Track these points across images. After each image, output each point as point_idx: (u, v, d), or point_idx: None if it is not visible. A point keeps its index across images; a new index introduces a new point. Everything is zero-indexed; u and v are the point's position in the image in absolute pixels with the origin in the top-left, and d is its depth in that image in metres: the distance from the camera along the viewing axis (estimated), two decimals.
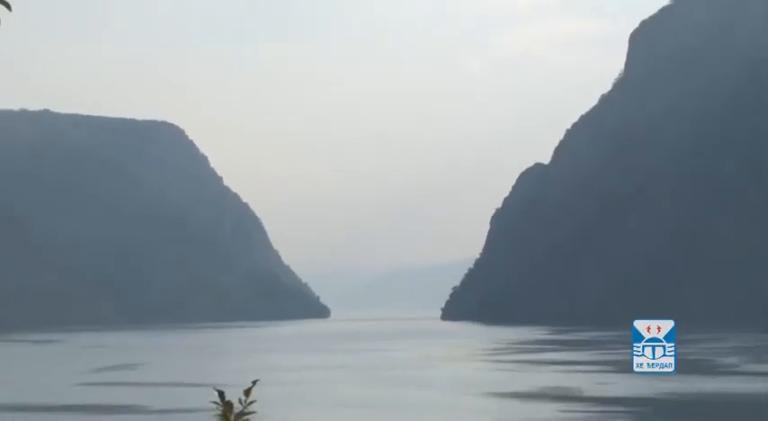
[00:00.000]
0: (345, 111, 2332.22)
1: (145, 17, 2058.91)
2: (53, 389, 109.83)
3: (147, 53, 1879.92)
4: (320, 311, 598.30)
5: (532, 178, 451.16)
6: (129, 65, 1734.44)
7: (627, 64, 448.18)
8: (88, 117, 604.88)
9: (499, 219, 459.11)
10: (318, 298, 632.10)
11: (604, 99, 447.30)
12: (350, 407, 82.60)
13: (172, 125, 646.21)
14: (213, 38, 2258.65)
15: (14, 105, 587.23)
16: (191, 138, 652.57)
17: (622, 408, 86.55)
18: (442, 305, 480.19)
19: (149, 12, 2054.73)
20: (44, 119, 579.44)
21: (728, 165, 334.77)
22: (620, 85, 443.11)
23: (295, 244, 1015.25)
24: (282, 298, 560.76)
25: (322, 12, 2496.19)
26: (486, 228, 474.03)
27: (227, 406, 4.81)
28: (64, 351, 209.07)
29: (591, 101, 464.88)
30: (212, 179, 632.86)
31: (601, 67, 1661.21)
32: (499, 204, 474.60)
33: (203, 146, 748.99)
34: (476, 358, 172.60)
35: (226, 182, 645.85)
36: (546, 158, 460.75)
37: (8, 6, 6.95)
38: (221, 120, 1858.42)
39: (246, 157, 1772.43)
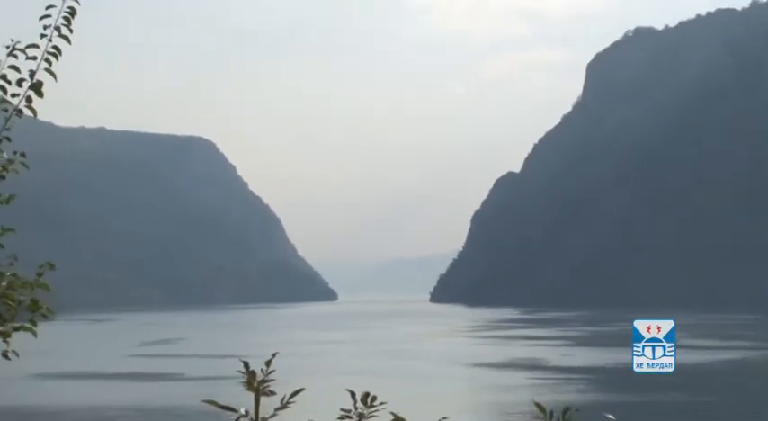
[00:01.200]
0: (350, 126, 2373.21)
1: (183, 50, 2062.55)
2: (108, 360, 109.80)
3: (184, 79, 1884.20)
4: (329, 295, 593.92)
5: (506, 184, 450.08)
6: (169, 89, 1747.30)
7: (584, 89, 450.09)
8: (136, 133, 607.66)
9: (478, 218, 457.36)
10: (327, 284, 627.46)
11: (566, 118, 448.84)
12: (354, 375, 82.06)
13: (205, 139, 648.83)
14: (242, 66, 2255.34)
15: (75, 123, 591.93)
16: (221, 150, 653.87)
17: (580, 375, 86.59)
18: (431, 290, 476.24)
19: (187, 45, 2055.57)
20: (100, 135, 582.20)
21: (670, 175, 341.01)
22: (578, 106, 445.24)
23: (308, 238, 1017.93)
24: (297, 283, 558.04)
25: (333, 46, 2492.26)
26: (468, 225, 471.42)
27: (251, 374, 4.89)
28: (117, 328, 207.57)
29: (554, 119, 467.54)
30: (239, 184, 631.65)
31: (562, 91, 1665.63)
32: (478, 206, 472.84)
33: (231, 156, 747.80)
34: (458, 334, 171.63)
35: (251, 187, 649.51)
36: (517, 167, 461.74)
37: (54, 76, 6.58)
38: (246, 134, 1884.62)
39: (268, 166, 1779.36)
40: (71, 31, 6.65)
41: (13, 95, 6.66)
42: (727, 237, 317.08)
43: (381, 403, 4.89)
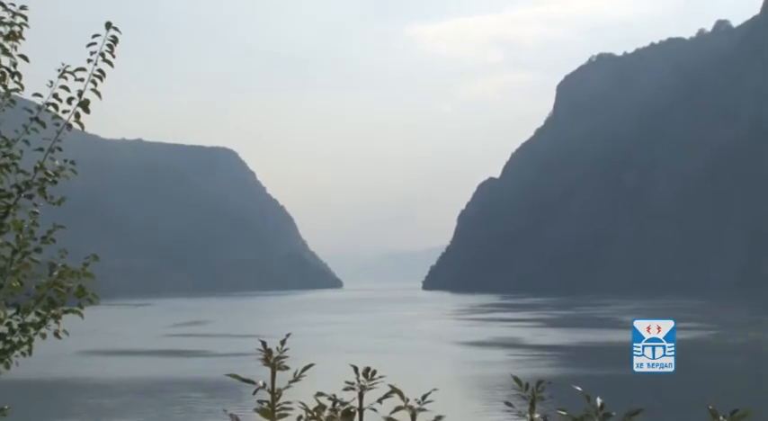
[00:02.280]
0: (352, 139, 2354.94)
1: (209, 73, 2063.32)
2: (145, 339, 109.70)
3: (211, 98, 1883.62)
4: (335, 283, 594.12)
5: (487, 188, 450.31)
6: (198, 105, 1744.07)
7: (555, 106, 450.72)
8: (169, 144, 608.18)
9: (463, 217, 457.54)
10: (334, 274, 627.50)
11: (539, 131, 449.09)
12: (357, 353, 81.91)
13: (229, 150, 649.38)
14: (259, 87, 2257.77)
15: (117, 136, 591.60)
16: (243, 159, 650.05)
17: (551, 353, 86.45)
18: (423, 279, 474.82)
19: (213, 69, 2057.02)
20: (138, 145, 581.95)
21: (629, 178, 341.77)
22: (549, 121, 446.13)
23: (318, 235, 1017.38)
24: (308, 273, 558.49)
25: (338, 69, 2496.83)
26: (454, 223, 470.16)
27: (268, 352, 4.89)
28: (153, 312, 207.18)
29: (529, 132, 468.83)
30: (258, 189, 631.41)
31: (536, 108, 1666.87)
32: (464, 206, 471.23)
33: (252, 165, 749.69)
34: (446, 317, 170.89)
35: (268, 191, 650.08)
36: (497, 174, 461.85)
37: (99, 95, 6.72)
38: (265, 145, 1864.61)
39: (283, 173, 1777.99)
40: (113, 56, 6.74)
41: (64, 111, 6.74)
42: (678, 231, 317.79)
43: (380, 376, 4.89)
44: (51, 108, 6.74)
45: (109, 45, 6.70)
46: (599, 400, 4.36)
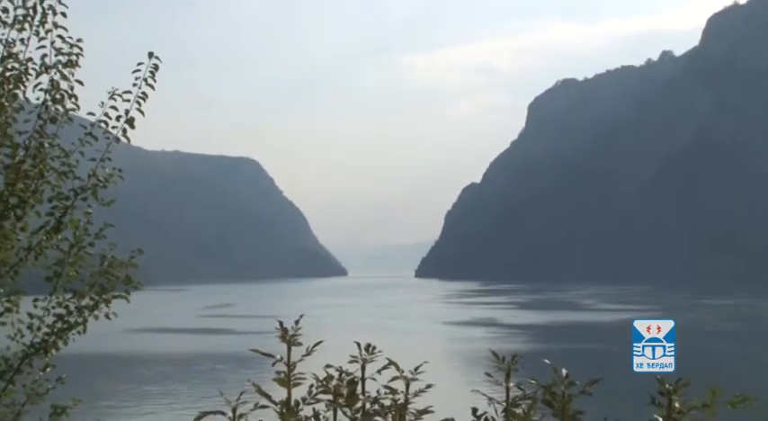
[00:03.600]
0: (356, 151, 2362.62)
1: (234, 94, 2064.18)
2: (181, 319, 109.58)
3: (236, 116, 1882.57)
4: (341, 272, 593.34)
5: (470, 191, 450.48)
6: (226, 122, 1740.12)
7: (526, 122, 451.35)
8: (202, 155, 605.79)
9: (450, 216, 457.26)
10: (341, 263, 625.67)
11: (513, 144, 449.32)
12: (360, 330, 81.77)
13: (252, 159, 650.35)
14: (277, 105, 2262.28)
15: (158, 148, 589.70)
16: (264, 167, 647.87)
17: (524, 330, 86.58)
18: (415, 268, 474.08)
19: (237, 91, 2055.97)
20: (175, 155, 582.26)
21: (590, 184, 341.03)
22: (522, 135, 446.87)
23: (327, 230, 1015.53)
24: (319, 263, 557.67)
25: (343, 91, 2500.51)
26: (442, 221, 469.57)
27: (284, 330, 4.85)
28: (188, 296, 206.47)
29: (505, 145, 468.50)
30: (276, 192, 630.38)
31: (510, 124, 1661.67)
32: (450, 207, 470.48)
33: (271, 172, 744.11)
34: (435, 301, 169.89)
35: (285, 194, 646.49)
36: (478, 179, 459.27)
37: (142, 113, 6.77)
38: (282, 155, 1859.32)
39: (297, 179, 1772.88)
40: (155, 81, 6.77)
41: (113, 127, 6.79)
42: (631, 228, 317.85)
43: (379, 351, 4.92)
44: (102, 124, 6.78)
45: (151, 71, 6.73)
46: (564, 371, 4.41)
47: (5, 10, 6.49)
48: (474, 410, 4.67)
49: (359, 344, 4.98)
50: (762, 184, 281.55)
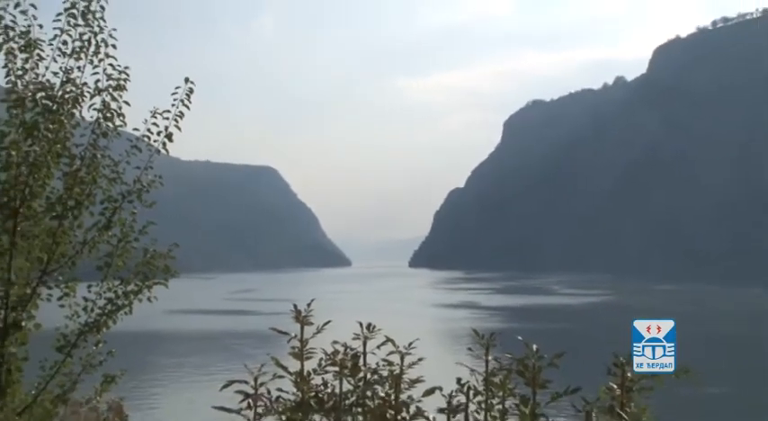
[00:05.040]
0: (359, 159, 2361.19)
1: (257, 111, 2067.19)
2: (211, 302, 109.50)
3: (257, 130, 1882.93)
4: (346, 262, 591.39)
5: (455, 194, 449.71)
6: (249, 135, 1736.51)
7: (503, 136, 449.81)
8: (230, 164, 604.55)
9: (438, 215, 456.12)
10: (345, 255, 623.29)
11: (491, 154, 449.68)
12: (361, 312, 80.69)
13: (271, 168, 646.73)
14: (292, 121, 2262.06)
15: (192, 158, 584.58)
16: (281, 174, 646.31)
17: (499, 312, 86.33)
18: (409, 259, 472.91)
19: (258, 108, 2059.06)
20: (207, 165, 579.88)
21: (557, 189, 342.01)
22: (500, 147, 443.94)
23: (334, 227, 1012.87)
24: (327, 255, 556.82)
25: (349, 108, 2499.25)
26: (431, 220, 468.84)
27: (298, 312, 4.87)
28: (217, 283, 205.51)
29: (485, 155, 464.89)
30: (291, 195, 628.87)
31: (489, 138, 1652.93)
32: (438, 207, 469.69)
33: (287, 178, 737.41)
34: (425, 287, 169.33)
35: (299, 196, 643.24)
36: (462, 184, 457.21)
37: (179, 129, 6.81)
38: (297, 163, 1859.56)
39: (309, 183, 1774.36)
40: (190, 101, 6.81)
41: (155, 141, 6.82)
42: (593, 227, 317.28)
43: (378, 329, 4.97)
44: (145, 138, 6.82)
45: (186, 94, 6.77)
46: (534, 346, 4.48)
47: (65, 42, 6.54)
48: (458, 380, 4.71)
49: (361, 324, 5.01)
50: (702, 193, 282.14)
